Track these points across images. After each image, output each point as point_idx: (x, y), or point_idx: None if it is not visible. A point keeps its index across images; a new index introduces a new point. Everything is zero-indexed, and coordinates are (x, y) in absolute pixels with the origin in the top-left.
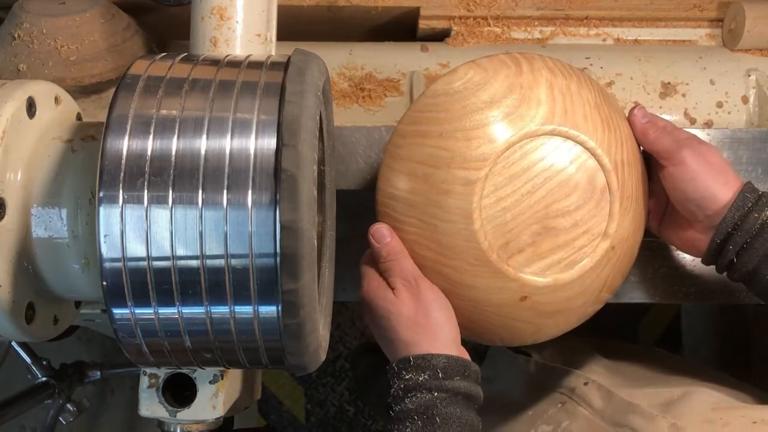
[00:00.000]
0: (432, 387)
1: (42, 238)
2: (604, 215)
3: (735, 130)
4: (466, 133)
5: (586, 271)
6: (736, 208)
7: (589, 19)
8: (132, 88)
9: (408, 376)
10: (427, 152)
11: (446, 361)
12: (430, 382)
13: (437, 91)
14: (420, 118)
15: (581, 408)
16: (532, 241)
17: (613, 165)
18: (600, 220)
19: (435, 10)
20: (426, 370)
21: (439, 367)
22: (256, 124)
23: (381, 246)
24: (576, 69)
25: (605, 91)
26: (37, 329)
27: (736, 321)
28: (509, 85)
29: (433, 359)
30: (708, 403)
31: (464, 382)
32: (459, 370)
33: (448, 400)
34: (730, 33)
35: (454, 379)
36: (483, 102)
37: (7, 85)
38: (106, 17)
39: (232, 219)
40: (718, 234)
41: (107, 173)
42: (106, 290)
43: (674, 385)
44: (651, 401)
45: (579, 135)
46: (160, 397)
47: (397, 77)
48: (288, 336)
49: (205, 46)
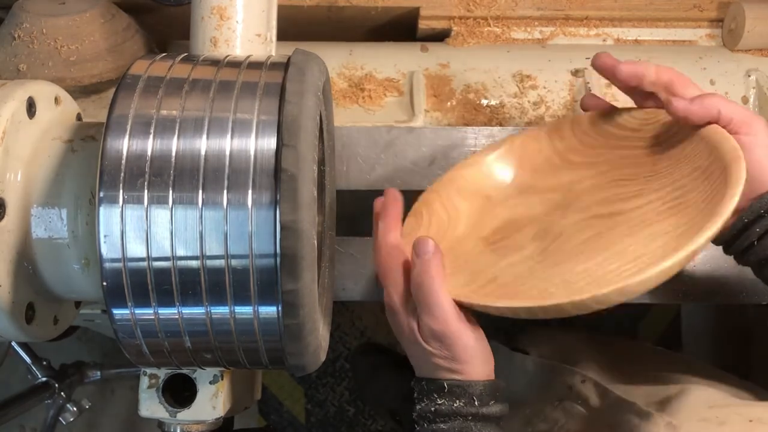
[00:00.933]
0: (468, 414)
1: (42, 238)
2: None
3: None
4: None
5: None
6: None
7: (589, 20)
8: (132, 88)
9: (441, 401)
10: None
11: (482, 389)
12: (465, 409)
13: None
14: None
15: (578, 406)
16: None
17: None
18: None
19: (435, 10)
20: (461, 397)
21: (475, 395)
22: (256, 125)
23: (420, 260)
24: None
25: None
26: (37, 329)
27: (736, 321)
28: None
29: (469, 387)
30: (704, 401)
31: (498, 406)
32: (493, 395)
33: (482, 423)
34: (730, 33)
35: (489, 404)
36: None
37: (7, 85)
38: (106, 17)
39: (232, 219)
40: (749, 213)
41: (107, 173)
42: (106, 290)
43: (671, 383)
44: (647, 399)
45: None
46: (160, 398)
47: (397, 77)
48: (288, 336)
49: (205, 46)
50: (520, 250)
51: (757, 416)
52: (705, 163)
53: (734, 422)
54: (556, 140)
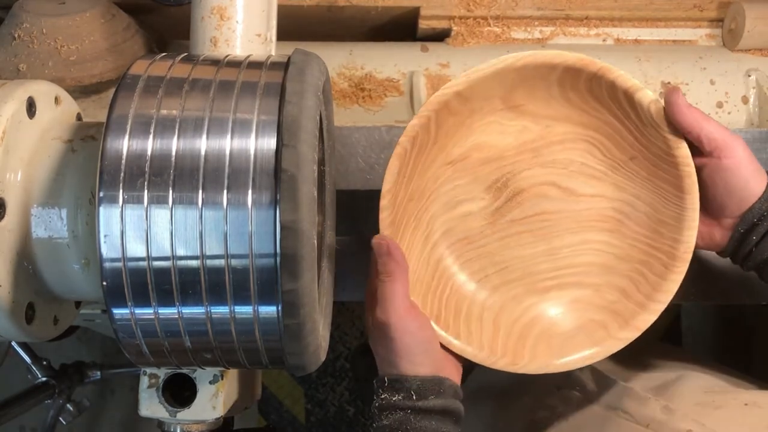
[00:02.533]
0: (406, 407)
1: (42, 238)
2: None
3: (735, 130)
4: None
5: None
6: (764, 199)
7: (589, 19)
8: (132, 88)
9: (384, 396)
10: None
11: (420, 383)
12: (403, 402)
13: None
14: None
15: (575, 392)
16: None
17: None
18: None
19: (435, 10)
20: (400, 391)
21: (413, 389)
22: (256, 124)
23: (382, 260)
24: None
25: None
26: (37, 329)
27: (736, 321)
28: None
29: (407, 381)
30: (701, 386)
31: (439, 400)
32: (433, 389)
33: (422, 416)
34: (730, 33)
35: (428, 399)
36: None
37: (7, 85)
38: (106, 17)
39: (232, 219)
40: (743, 223)
41: (107, 173)
42: (106, 290)
43: (668, 370)
44: (645, 384)
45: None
46: (160, 397)
47: (397, 77)
48: (288, 336)
49: (205, 46)
50: (474, 200)
51: (752, 400)
52: (662, 207)
53: (730, 406)
54: (567, 76)
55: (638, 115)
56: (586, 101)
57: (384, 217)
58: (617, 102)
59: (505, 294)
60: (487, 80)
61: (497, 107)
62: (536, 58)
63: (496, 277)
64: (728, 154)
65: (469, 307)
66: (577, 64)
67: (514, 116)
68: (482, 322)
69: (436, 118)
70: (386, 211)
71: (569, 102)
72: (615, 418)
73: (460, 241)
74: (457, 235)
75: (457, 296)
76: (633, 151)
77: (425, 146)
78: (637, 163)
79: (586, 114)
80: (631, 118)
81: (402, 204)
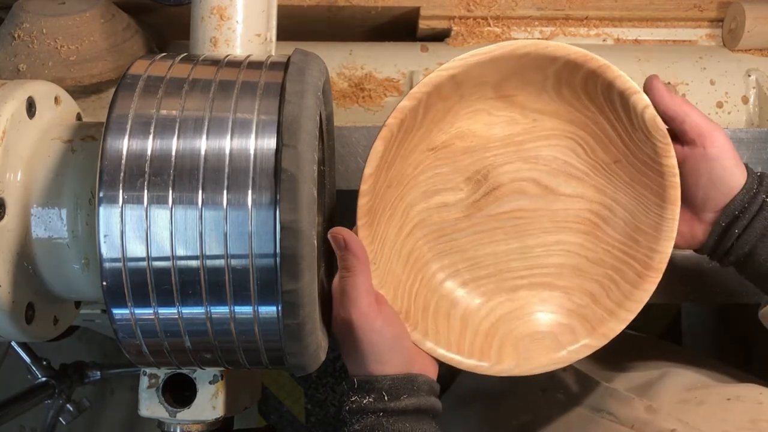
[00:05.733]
0: (378, 410)
1: (42, 238)
2: None
3: (735, 130)
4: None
5: None
6: (746, 190)
7: (589, 19)
8: (132, 88)
9: (353, 398)
10: None
11: (392, 382)
12: (374, 404)
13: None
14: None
15: (559, 395)
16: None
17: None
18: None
19: (435, 10)
20: (370, 392)
21: (384, 389)
22: (256, 124)
23: (340, 254)
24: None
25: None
26: (37, 329)
27: (736, 321)
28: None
29: (377, 382)
30: (683, 384)
31: (412, 399)
32: (406, 388)
33: (395, 418)
34: (730, 33)
35: (401, 398)
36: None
37: (7, 85)
38: (106, 17)
39: (232, 219)
40: (725, 216)
41: (107, 173)
42: (106, 290)
43: (652, 368)
44: (628, 384)
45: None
46: (160, 397)
47: (397, 77)
48: (288, 336)
49: (205, 46)
50: (452, 191)
51: (735, 394)
52: (641, 214)
53: (713, 402)
54: (565, 71)
55: (629, 119)
56: (579, 98)
57: (363, 203)
58: (610, 102)
59: (474, 290)
60: (483, 66)
61: (487, 95)
62: (539, 48)
63: (467, 272)
64: (712, 143)
65: (437, 302)
66: (579, 59)
67: (504, 106)
68: (449, 318)
69: (427, 100)
70: (366, 197)
71: (561, 97)
72: (599, 419)
73: (433, 233)
74: (430, 226)
75: (426, 290)
76: (618, 154)
77: (410, 131)
78: (620, 167)
79: (576, 111)
80: (622, 121)
81: (381, 191)
